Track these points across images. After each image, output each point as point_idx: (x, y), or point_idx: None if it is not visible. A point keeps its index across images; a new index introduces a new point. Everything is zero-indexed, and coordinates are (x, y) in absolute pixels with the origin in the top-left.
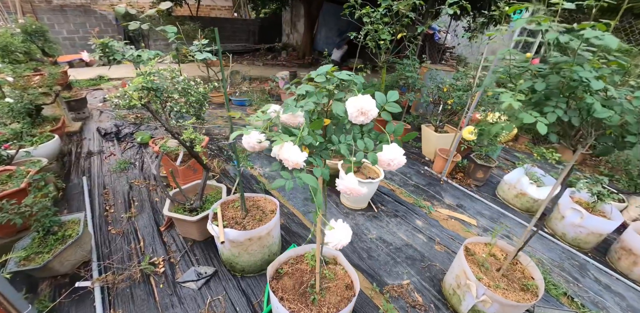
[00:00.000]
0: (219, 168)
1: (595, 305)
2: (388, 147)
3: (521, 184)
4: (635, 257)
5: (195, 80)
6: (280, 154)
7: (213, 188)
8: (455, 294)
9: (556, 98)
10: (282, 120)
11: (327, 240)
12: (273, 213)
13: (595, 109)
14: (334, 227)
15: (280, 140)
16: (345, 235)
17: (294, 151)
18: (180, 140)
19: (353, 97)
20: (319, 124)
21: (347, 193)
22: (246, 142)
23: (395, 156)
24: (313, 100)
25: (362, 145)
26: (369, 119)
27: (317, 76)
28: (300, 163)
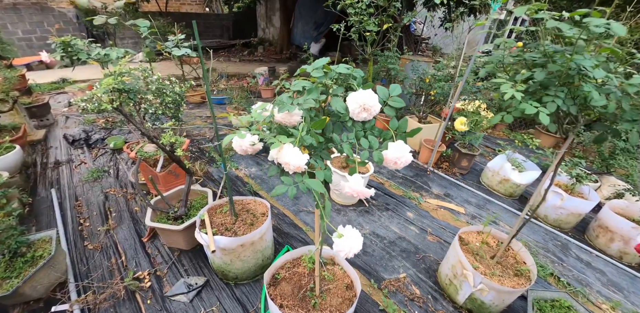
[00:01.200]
0: (201, 171)
1: (579, 282)
2: (394, 144)
3: (504, 170)
4: (611, 234)
5: (170, 79)
6: (280, 157)
7: (198, 193)
8: (452, 284)
9: (554, 87)
10: (277, 119)
11: (337, 248)
12: (264, 216)
13: (593, 97)
14: (344, 234)
15: (278, 142)
16: (356, 243)
17: (295, 153)
18: (159, 145)
19: (354, 92)
20: (322, 122)
21: (354, 195)
22: (237, 145)
23: (402, 154)
24: (313, 97)
25: (366, 144)
26: (371, 116)
27: (314, 70)
28: (302, 167)
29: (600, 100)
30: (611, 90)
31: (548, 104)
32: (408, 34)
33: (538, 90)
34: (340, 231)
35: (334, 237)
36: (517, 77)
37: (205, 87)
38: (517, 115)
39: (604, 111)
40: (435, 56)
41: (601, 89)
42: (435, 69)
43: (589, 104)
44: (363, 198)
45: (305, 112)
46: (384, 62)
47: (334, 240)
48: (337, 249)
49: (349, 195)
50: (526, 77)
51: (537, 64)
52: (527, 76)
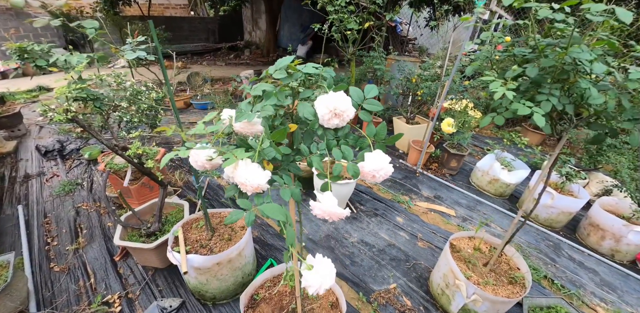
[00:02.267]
0: (181, 181)
1: (573, 283)
2: (371, 154)
3: (493, 170)
4: (602, 232)
5: (146, 85)
6: (235, 176)
7: (173, 206)
8: (444, 294)
9: (548, 84)
10: (237, 129)
11: (305, 283)
12: (244, 229)
13: (591, 94)
14: (312, 266)
15: (234, 157)
16: (328, 277)
17: (254, 170)
18: (125, 157)
19: (323, 95)
20: (282, 133)
21: (325, 217)
22: (193, 161)
23: (380, 165)
24: (272, 103)
25: (339, 155)
26: (344, 122)
27: (276, 71)
28: (262, 186)
29: (599, 98)
30: (608, 86)
31: (542, 103)
32: (394, 35)
33: (530, 88)
34: (309, 262)
35: (302, 269)
36: (507, 73)
37: (169, 93)
38: (509, 116)
39: (600, 110)
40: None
41: (598, 86)
42: (422, 69)
43: (585, 102)
44: (337, 219)
45: (264, 120)
46: (369, 62)
47: (302, 273)
48: (306, 284)
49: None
50: (517, 74)
51: (527, 59)
52: (518, 73)
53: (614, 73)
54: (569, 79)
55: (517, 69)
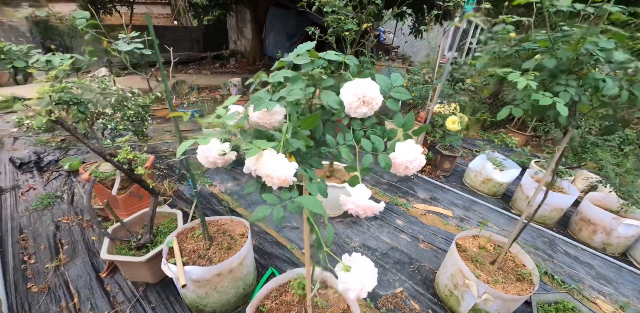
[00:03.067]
0: (171, 190)
1: (572, 278)
2: (403, 145)
3: (486, 170)
4: (594, 226)
5: (132, 91)
6: (259, 168)
7: (165, 215)
8: (453, 295)
9: (564, 75)
10: (253, 120)
11: (345, 287)
12: (244, 237)
13: (606, 84)
14: (351, 267)
15: (257, 148)
16: (370, 277)
17: (280, 162)
18: (114, 163)
19: (350, 81)
20: (314, 119)
21: (359, 212)
22: (204, 156)
23: (414, 156)
24: (300, 86)
25: (369, 146)
26: (372, 110)
27: (298, 57)
28: (289, 179)
29: (614, 88)
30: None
31: (561, 94)
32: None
33: (546, 80)
34: (345, 262)
35: (338, 270)
36: (527, 64)
37: (165, 92)
38: (526, 107)
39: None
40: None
41: (612, 77)
42: (412, 73)
43: (600, 92)
44: (371, 215)
45: (290, 107)
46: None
47: (339, 275)
48: (345, 288)
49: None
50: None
51: (535, 53)
52: (534, 65)
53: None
54: (583, 71)
55: (539, 58)
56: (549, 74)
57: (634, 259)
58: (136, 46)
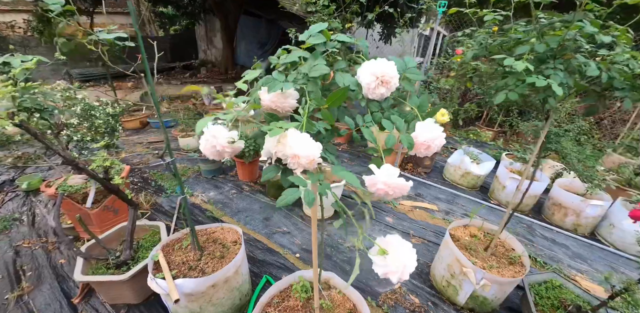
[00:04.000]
0: (148, 204)
1: (552, 259)
2: (423, 124)
3: (464, 164)
4: (565, 210)
5: (100, 99)
6: (283, 149)
7: (146, 229)
8: (450, 285)
9: (552, 60)
10: (265, 104)
11: (384, 270)
12: (236, 244)
13: (590, 67)
14: (385, 250)
15: (278, 128)
16: (410, 258)
17: (307, 141)
18: (89, 172)
19: (368, 61)
20: (342, 96)
21: (389, 193)
22: (210, 146)
23: (436, 134)
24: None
25: (390, 126)
26: (390, 91)
27: (311, 37)
28: (317, 159)
29: (595, 70)
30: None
31: (552, 76)
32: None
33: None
34: (381, 244)
35: (372, 254)
36: (520, 50)
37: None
38: (522, 91)
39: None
40: None
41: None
42: None
43: (584, 75)
44: (399, 195)
45: (312, 84)
46: None
47: (375, 259)
48: (385, 272)
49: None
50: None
51: (520, 42)
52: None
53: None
54: (567, 55)
55: (534, 41)
56: (538, 60)
57: (601, 237)
58: (119, 35)
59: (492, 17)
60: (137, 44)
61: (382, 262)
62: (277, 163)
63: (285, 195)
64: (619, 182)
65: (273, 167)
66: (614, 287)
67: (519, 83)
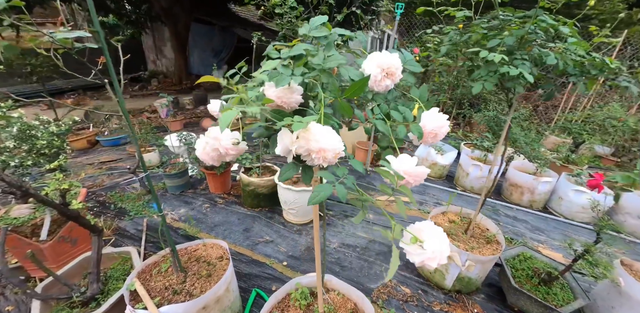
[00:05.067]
0: (110, 229)
1: (516, 234)
2: (429, 113)
3: (430, 156)
4: (520, 189)
5: (39, 118)
6: (307, 144)
7: (114, 257)
8: (437, 271)
9: (518, 52)
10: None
11: (421, 258)
12: (223, 259)
13: (550, 56)
14: (421, 237)
15: (298, 123)
16: (444, 242)
17: (331, 134)
18: (41, 198)
19: (374, 53)
20: (362, 85)
21: (410, 183)
22: (210, 150)
23: (441, 123)
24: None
25: (400, 117)
26: (394, 83)
27: (313, 30)
28: (341, 152)
29: (554, 59)
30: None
31: (520, 66)
32: None
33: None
34: (414, 232)
35: (405, 244)
36: (492, 43)
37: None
38: (495, 81)
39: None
40: None
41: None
42: None
43: (544, 64)
44: (418, 184)
45: (326, 76)
46: None
47: (408, 249)
48: (422, 260)
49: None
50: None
51: (490, 36)
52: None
53: (575, 34)
54: (528, 47)
55: (507, 34)
56: (507, 52)
57: (553, 210)
58: (80, 34)
59: (462, 15)
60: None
61: (418, 250)
62: (296, 160)
63: (318, 192)
64: (559, 160)
65: (292, 165)
66: (576, 251)
67: (491, 74)
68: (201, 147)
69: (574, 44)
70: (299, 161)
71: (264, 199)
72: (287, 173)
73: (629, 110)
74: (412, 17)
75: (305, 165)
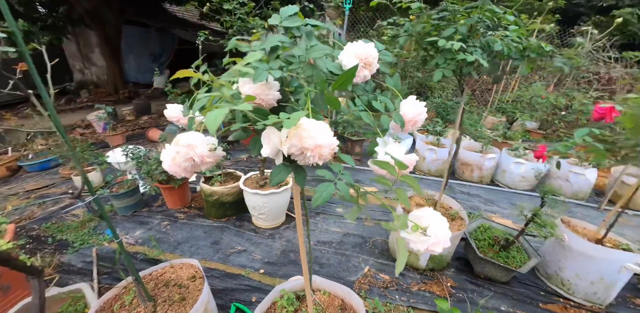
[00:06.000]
0: (50, 267)
1: (472, 208)
2: (407, 101)
3: None
4: (470, 167)
5: None
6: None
7: (63, 298)
8: (411, 253)
9: (470, 40)
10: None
11: (425, 245)
12: (196, 279)
13: (497, 43)
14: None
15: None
16: (445, 227)
17: (326, 129)
18: None
19: (350, 44)
20: (350, 76)
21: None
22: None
23: (420, 110)
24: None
25: (381, 107)
26: (371, 73)
27: (285, 20)
28: (335, 147)
29: (500, 46)
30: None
31: (474, 53)
32: None
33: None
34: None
35: (407, 233)
36: (446, 32)
37: (59, 130)
38: (453, 68)
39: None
40: None
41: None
42: None
43: (492, 49)
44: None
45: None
46: None
47: (410, 238)
48: (426, 246)
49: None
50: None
51: (439, 26)
52: (452, 32)
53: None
54: (477, 35)
55: (462, 23)
56: (462, 40)
57: (498, 182)
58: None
59: (417, 6)
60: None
61: (421, 237)
62: (287, 161)
63: (320, 193)
64: (499, 137)
65: (282, 167)
66: (526, 216)
67: (449, 61)
68: (169, 158)
69: (514, 31)
70: (289, 162)
71: (230, 208)
72: (279, 177)
73: (547, 88)
74: (356, 13)
75: (296, 166)
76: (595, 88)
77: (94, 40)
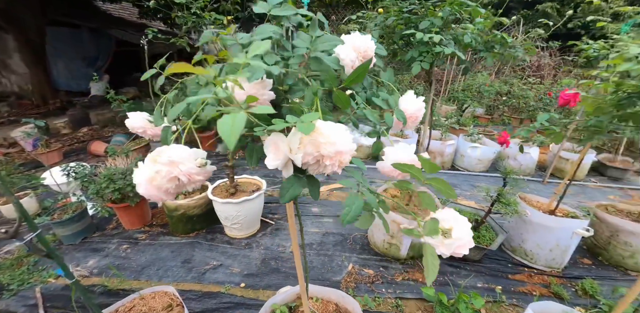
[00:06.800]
0: None
1: (438, 194)
2: (406, 97)
3: (355, 139)
4: (434, 154)
5: None
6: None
7: None
8: (392, 245)
9: (443, 32)
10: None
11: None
12: (173, 308)
13: (467, 35)
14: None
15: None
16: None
17: (344, 133)
18: None
19: (348, 35)
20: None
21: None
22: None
23: (419, 105)
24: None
25: (383, 103)
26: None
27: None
28: (354, 152)
29: (469, 38)
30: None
31: (449, 45)
32: None
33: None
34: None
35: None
36: (423, 24)
37: None
38: (430, 60)
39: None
40: None
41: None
42: None
43: (461, 42)
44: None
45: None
46: None
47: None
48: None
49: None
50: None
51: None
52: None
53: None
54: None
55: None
56: (436, 33)
57: (458, 166)
58: None
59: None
60: None
61: (445, 241)
62: (298, 174)
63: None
64: (455, 124)
65: (294, 179)
66: (492, 196)
67: (425, 54)
68: (146, 180)
69: (481, 23)
70: (299, 172)
71: (198, 221)
72: (291, 192)
73: (490, 76)
74: (311, 9)
75: (309, 176)
76: (528, 74)
77: (12, 44)
